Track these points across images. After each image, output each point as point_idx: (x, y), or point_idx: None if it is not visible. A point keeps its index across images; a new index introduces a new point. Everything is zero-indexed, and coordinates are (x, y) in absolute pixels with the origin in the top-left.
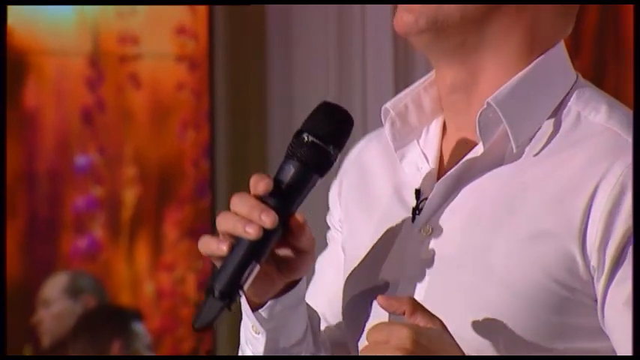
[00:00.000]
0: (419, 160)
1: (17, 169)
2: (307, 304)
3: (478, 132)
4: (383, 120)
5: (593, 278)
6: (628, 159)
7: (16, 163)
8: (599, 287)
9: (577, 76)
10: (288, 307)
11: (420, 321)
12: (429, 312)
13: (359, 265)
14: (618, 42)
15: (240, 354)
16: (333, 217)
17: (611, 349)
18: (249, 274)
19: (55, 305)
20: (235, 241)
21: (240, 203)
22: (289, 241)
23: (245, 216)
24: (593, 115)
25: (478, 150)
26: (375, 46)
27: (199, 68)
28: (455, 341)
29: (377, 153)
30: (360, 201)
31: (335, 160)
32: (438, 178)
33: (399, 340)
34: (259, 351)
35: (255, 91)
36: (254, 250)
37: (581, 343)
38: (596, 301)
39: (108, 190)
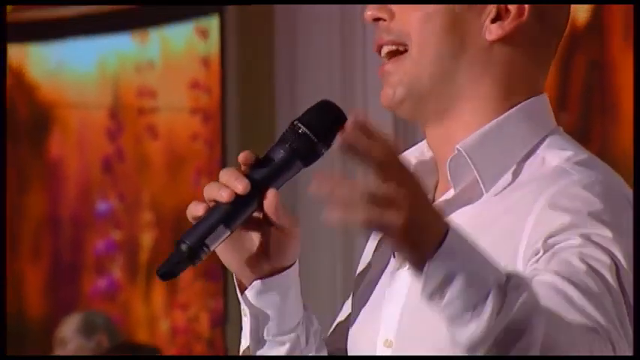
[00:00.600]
0: None
1: (42, 215)
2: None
3: (449, 176)
4: None
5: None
6: (567, 181)
7: (41, 209)
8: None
9: (555, 127)
10: (275, 292)
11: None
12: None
13: (361, 289)
14: (604, 95)
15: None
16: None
17: None
18: (217, 236)
19: (70, 344)
20: (213, 206)
21: (224, 172)
22: (269, 220)
23: (225, 182)
24: (555, 159)
25: (450, 192)
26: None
27: (212, 120)
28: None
29: None
30: (373, 241)
31: (321, 154)
32: None
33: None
34: (246, 335)
35: (264, 142)
36: (225, 214)
37: None
38: None
39: (126, 234)
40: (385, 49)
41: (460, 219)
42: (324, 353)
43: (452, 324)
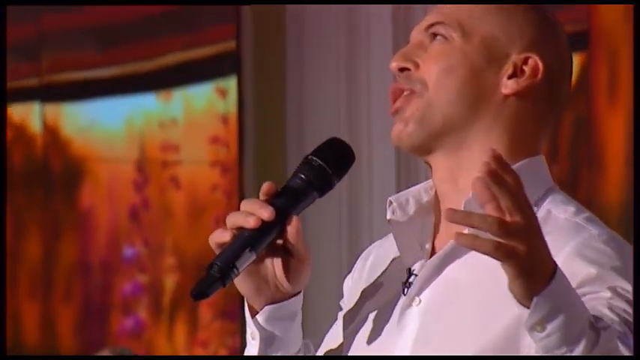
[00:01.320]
0: (414, 246)
1: (74, 260)
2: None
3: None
4: (387, 208)
5: None
6: (586, 235)
7: (73, 255)
8: None
9: (553, 185)
10: (282, 319)
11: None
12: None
13: (359, 322)
14: (591, 151)
15: None
16: (344, 301)
17: None
18: (245, 259)
19: None
20: (238, 232)
21: (246, 202)
22: (286, 246)
23: (249, 210)
24: (562, 213)
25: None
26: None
27: (230, 172)
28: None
29: (384, 247)
30: (368, 279)
31: (334, 185)
32: (432, 255)
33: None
34: (254, 352)
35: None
36: (252, 239)
37: None
38: None
39: (151, 277)
40: (400, 96)
41: (472, 265)
42: None
43: (545, 353)
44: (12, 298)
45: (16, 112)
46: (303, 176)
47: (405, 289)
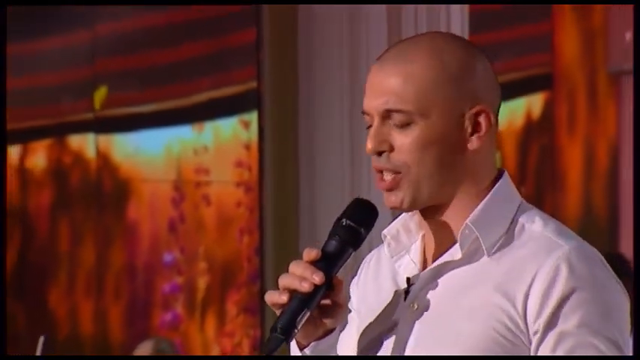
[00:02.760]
0: (410, 264)
1: (122, 264)
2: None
3: (459, 242)
4: (383, 241)
5: (528, 337)
6: (559, 253)
7: (121, 260)
8: (533, 342)
9: (521, 200)
10: (325, 350)
11: None
12: None
13: (367, 329)
14: (554, 175)
15: None
16: (351, 302)
17: None
18: (302, 318)
19: None
20: (291, 294)
21: (296, 266)
22: (330, 298)
23: (300, 275)
24: (533, 225)
25: (455, 254)
26: None
27: (252, 191)
28: None
29: (383, 254)
30: (373, 288)
31: (365, 238)
32: (424, 268)
33: None
34: None
35: (291, 208)
36: (306, 300)
37: None
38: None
39: (186, 279)
40: (386, 175)
41: (461, 276)
42: None
43: None
44: (70, 296)
45: (74, 141)
46: (338, 237)
47: (405, 296)
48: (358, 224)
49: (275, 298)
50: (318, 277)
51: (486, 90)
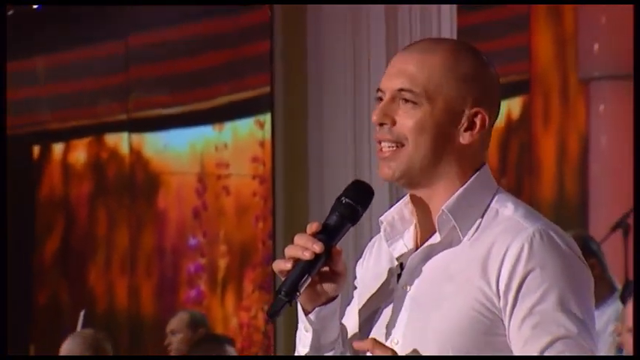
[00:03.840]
0: (404, 248)
1: (152, 247)
2: (341, 323)
3: (437, 227)
4: (380, 227)
5: (502, 312)
6: (524, 235)
7: (152, 243)
8: (506, 320)
9: (497, 187)
10: (328, 315)
11: (378, 354)
12: (383, 347)
13: (366, 304)
14: (531, 166)
15: (295, 354)
16: (356, 281)
17: None
18: (304, 282)
19: (180, 334)
20: (295, 262)
21: (300, 237)
22: (330, 266)
23: (303, 245)
24: (505, 210)
25: (436, 238)
26: None
27: (266, 183)
28: None
29: (383, 244)
30: (374, 269)
31: (362, 215)
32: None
33: None
34: (307, 344)
35: (300, 198)
36: (307, 267)
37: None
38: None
39: (208, 260)
40: (385, 144)
41: (444, 259)
42: (350, 350)
43: None
44: (107, 275)
45: (110, 139)
46: (338, 213)
47: (398, 279)
48: (356, 202)
49: (281, 265)
50: (318, 247)
51: (488, 96)
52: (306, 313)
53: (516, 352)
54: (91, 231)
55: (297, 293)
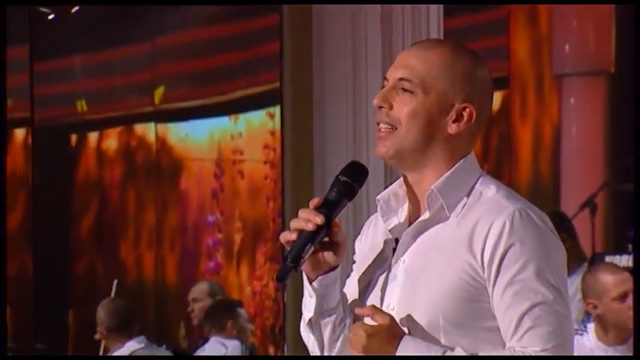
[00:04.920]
0: (397, 224)
1: (176, 224)
2: (342, 291)
3: (426, 205)
4: (377, 205)
5: (486, 282)
6: (505, 214)
7: (175, 220)
8: (489, 288)
9: (482, 172)
10: (330, 283)
11: (377, 319)
12: (382, 312)
13: (365, 274)
14: (510, 153)
15: (302, 324)
16: (355, 255)
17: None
18: (307, 251)
19: (202, 302)
20: (299, 233)
21: (303, 211)
22: (330, 237)
23: (306, 217)
24: (488, 191)
25: (426, 215)
26: None
27: (276, 168)
28: (398, 330)
29: (379, 221)
30: (371, 243)
31: (357, 192)
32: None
33: (359, 336)
34: (311, 309)
35: (306, 181)
36: (310, 237)
37: (490, 322)
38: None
39: (225, 236)
40: (382, 126)
41: (434, 234)
42: (349, 316)
43: None
44: (136, 249)
45: (139, 129)
46: (336, 190)
47: (393, 252)
48: (352, 180)
49: (287, 236)
50: (319, 219)
51: (479, 94)
52: (310, 281)
53: (499, 317)
54: (121, 210)
55: (302, 260)
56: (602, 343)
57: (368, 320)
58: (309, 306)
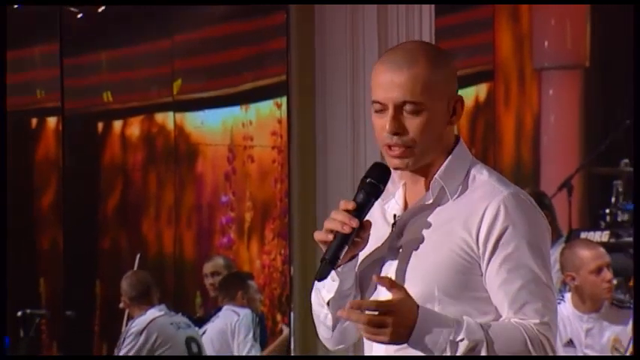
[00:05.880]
0: (395, 205)
1: (192, 203)
2: None
3: (430, 191)
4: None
5: (480, 257)
6: (500, 197)
7: (192, 200)
8: (484, 264)
9: (473, 157)
10: (351, 268)
11: (394, 293)
12: (398, 286)
13: (368, 251)
14: (494, 139)
15: (313, 296)
16: None
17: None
18: (343, 251)
19: (219, 276)
20: (335, 234)
21: (337, 214)
22: (359, 235)
23: (341, 220)
24: (481, 176)
25: (429, 199)
26: None
27: (283, 153)
28: (413, 303)
29: (379, 203)
30: (374, 222)
31: (383, 191)
32: (405, 208)
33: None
34: (332, 290)
35: (310, 164)
36: (346, 239)
37: (479, 293)
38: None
39: (237, 214)
40: (396, 149)
41: (433, 214)
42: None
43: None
44: (157, 226)
45: (159, 117)
46: (364, 191)
47: (393, 229)
48: (378, 181)
49: (323, 237)
50: (354, 223)
51: (457, 84)
52: (335, 268)
53: (493, 290)
54: (143, 190)
55: (338, 260)
56: (578, 311)
57: (382, 291)
58: (330, 288)
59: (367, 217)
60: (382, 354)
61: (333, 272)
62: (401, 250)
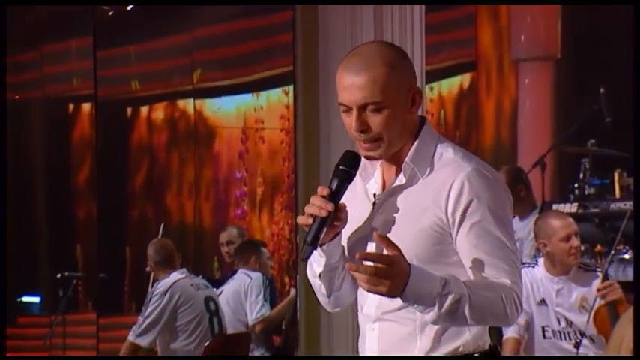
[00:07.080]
0: (375, 184)
1: (210, 178)
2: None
3: (402, 173)
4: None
5: (450, 227)
6: (464, 173)
7: (209, 176)
8: (454, 232)
9: (439, 136)
10: (336, 244)
11: (390, 250)
12: (393, 244)
13: (350, 226)
14: (477, 122)
15: (307, 270)
16: None
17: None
18: (323, 233)
19: (234, 244)
20: (314, 218)
21: (315, 199)
22: (337, 215)
23: (319, 205)
24: (447, 154)
25: (401, 180)
26: None
27: (290, 134)
28: (406, 260)
29: (358, 183)
30: (352, 201)
31: (355, 176)
32: (383, 187)
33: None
34: (322, 264)
35: (314, 145)
36: (324, 221)
37: (452, 258)
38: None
39: (249, 188)
40: (366, 143)
41: (407, 192)
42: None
43: (422, 313)
44: (179, 199)
45: (181, 103)
46: (336, 177)
47: (373, 206)
48: (349, 167)
49: (304, 221)
50: (330, 207)
51: (414, 77)
52: (320, 245)
53: (465, 254)
54: (167, 168)
55: (318, 241)
56: (549, 273)
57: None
58: (319, 262)
59: (352, 197)
60: (375, 354)
61: (319, 249)
62: (381, 224)
